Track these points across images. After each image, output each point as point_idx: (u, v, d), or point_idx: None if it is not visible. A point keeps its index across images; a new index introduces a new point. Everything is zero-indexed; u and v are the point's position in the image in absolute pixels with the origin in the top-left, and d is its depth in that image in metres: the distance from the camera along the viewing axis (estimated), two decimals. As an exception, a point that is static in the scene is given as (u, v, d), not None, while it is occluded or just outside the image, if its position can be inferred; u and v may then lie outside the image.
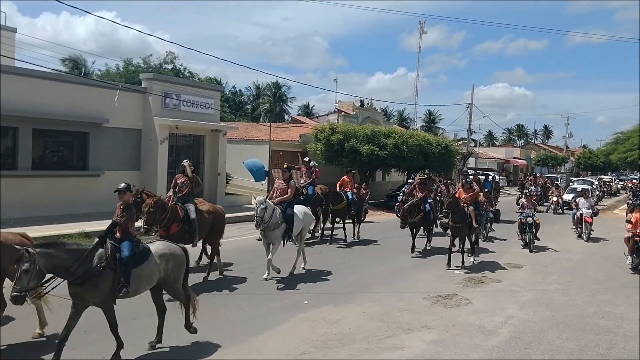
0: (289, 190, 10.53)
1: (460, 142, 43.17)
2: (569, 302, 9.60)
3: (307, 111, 64.57)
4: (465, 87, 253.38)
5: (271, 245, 10.20)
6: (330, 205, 15.08)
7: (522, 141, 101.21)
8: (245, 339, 7.00)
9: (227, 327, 7.45)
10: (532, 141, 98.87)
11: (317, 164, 17.55)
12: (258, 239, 10.26)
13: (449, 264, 12.14)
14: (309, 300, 8.94)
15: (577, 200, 19.16)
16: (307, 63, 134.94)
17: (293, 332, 7.37)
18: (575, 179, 45.60)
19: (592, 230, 17.83)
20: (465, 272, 11.68)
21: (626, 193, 46.45)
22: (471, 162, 44.64)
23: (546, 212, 26.61)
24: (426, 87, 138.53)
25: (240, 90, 67.66)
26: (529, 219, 15.23)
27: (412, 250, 13.68)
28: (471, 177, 15.06)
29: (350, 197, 15.46)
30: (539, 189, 29.90)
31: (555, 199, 27.82)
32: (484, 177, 22.47)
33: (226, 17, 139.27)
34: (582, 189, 21.46)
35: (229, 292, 9.19)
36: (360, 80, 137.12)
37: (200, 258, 11.11)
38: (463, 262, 12.28)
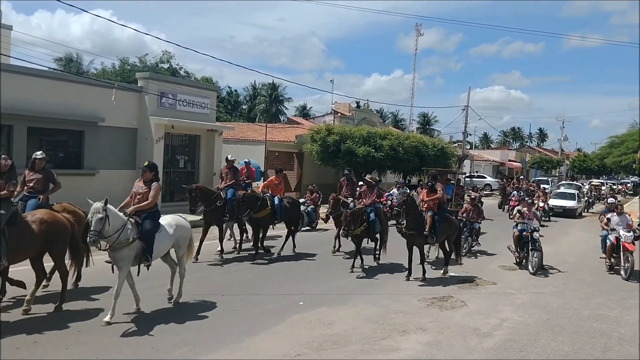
0: (151, 195, 7.94)
1: (456, 145, 43.21)
2: (564, 305, 9.62)
3: (303, 112, 64.62)
4: (461, 89, 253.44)
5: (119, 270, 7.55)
6: (250, 212, 12.23)
7: (518, 144, 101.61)
8: (241, 339, 6.98)
9: (222, 328, 7.42)
10: (527, 144, 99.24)
11: (249, 160, 15.29)
12: (107, 261, 7.71)
13: (408, 276, 10.87)
14: (304, 301, 8.91)
15: (607, 216, 13.43)
16: (303, 64, 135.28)
17: (288, 333, 7.36)
18: (564, 182, 44.25)
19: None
20: (454, 276, 11.69)
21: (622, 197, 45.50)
22: (466, 164, 44.75)
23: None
24: (422, 89, 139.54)
25: (236, 91, 67.76)
26: (535, 234, 12.31)
27: (352, 267, 11.52)
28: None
29: (277, 202, 12.80)
30: (522, 194, 26.63)
31: (541, 204, 24.48)
32: (475, 179, 21.49)
33: (222, 18, 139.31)
34: (613, 201, 15.02)
35: (223, 293, 9.15)
36: (357, 81, 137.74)
37: (49, 278, 8.54)
38: (424, 274, 10.91)
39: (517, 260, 12.76)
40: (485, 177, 48.57)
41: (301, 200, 18.50)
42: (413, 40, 57.91)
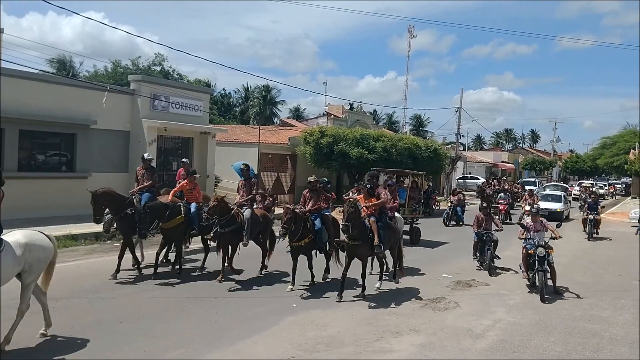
0: None
1: (449, 146, 43.35)
2: (556, 305, 9.66)
3: (296, 114, 64.62)
4: (454, 91, 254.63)
5: None
6: (158, 224, 10.44)
7: (510, 145, 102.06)
8: (234, 342, 6.96)
9: (215, 330, 7.40)
10: (520, 145, 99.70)
11: (187, 161, 13.53)
12: None
13: (340, 295, 9.26)
14: (297, 303, 8.90)
15: None
16: (296, 66, 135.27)
17: (282, 335, 7.35)
18: (550, 184, 42.81)
19: None
20: (450, 277, 11.70)
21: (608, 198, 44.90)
22: (460, 165, 44.87)
23: (519, 222, 19.83)
24: (415, 90, 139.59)
25: (229, 93, 67.67)
26: (540, 250, 10.15)
27: (292, 285, 9.84)
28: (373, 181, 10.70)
29: (193, 210, 10.92)
30: (508, 197, 25.02)
31: (527, 208, 21.33)
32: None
33: (215, 20, 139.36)
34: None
35: (217, 296, 9.13)
36: (350, 83, 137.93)
37: None
38: (363, 290, 9.59)
39: (529, 282, 10.71)
40: (478, 179, 48.75)
41: None
42: (406, 42, 57.73)
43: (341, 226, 9.34)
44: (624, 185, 58.46)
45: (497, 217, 23.48)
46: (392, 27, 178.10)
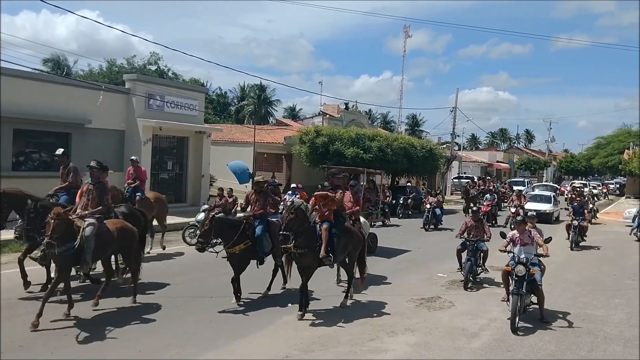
0: None
1: (444, 146, 43.42)
2: (551, 304, 9.65)
3: (292, 114, 64.59)
4: (450, 90, 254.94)
5: None
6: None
7: (505, 145, 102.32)
8: (229, 342, 6.97)
9: (210, 330, 7.40)
10: (515, 145, 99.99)
11: (137, 159, 12.66)
12: None
13: (301, 310, 8.14)
14: (292, 303, 8.89)
15: None
16: (292, 65, 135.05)
17: (277, 334, 7.35)
18: (539, 184, 42.23)
19: None
20: (447, 275, 11.72)
21: (602, 198, 44.80)
22: (455, 165, 44.94)
23: (505, 225, 20.32)
24: (411, 90, 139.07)
25: (225, 92, 67.59)
26: (520, 269, 8.16)
27: (237, 297, 8.68)
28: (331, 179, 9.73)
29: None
30: (494, 197, 23.68)
31: (514, 210, 20.01)
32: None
33: (210, 19, 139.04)
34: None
35: (211, 296, 9.12)
36: (346, 83, 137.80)
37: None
38: (305, 306, 8.22)
39: (508, 305, 8.43)
40: (473, 178, 48.88)
41: (205, 206, 14.65)
42: (401, 41, 57.74)
43: (280, 237, 8.16)
44: (617, 185, 58.65)
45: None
46: (388, 26, 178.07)
